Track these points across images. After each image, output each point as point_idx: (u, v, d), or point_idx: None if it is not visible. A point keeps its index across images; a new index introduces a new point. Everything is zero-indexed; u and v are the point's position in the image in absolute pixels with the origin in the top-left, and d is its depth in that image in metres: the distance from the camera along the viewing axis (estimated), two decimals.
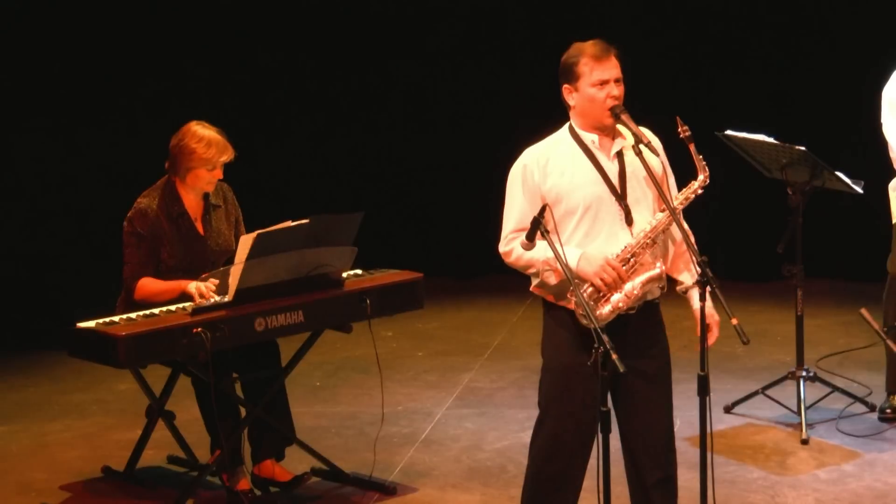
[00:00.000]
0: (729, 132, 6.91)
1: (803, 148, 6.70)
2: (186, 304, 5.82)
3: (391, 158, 10.11)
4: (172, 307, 5.85)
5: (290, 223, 5.85)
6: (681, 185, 5.05)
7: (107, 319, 5.74)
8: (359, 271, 6.29)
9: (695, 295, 4.90)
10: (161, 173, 6.19)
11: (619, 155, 4.98)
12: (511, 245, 4.97)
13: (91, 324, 5.71)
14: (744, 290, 9.21)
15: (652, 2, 9.63)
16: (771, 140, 6.82)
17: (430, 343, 8.64)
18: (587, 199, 4.92)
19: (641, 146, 4.89)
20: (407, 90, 10.02)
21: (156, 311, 5.82)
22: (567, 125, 5.03)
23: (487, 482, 6.32)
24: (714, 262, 4.83)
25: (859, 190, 6.81)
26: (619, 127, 4.97)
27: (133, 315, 5.78)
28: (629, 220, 4.94)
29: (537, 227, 4.76)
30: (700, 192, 4.98)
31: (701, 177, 4.96)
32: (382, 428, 6.63)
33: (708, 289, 4.75)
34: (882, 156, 6.75)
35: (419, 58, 9.96)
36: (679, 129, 4.89)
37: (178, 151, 6.07)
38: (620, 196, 4.94)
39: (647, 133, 4.96)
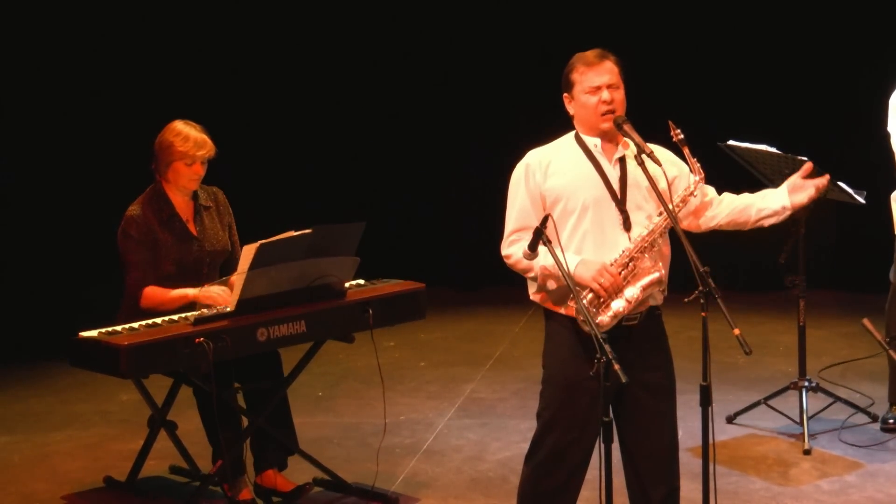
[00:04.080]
0: (732, 142, 6.91)
1: (806, 158, 6.70)
2: (189, 314, 5.83)
3: (393, 168, 10.12)
4: (175, 317, 5.85)
5: (292, 233, 5.85)
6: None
7: (109, 329, 5.74)
8: (361, 281, 6.29)
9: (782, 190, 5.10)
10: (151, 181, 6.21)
11: (622, 161, 4.98)
12: (512, 248, 4.96)
13: (93, 333, 5.70)
14: (746, 301, 9.22)
15: (656, 11, 9.64)
16: (774, 150, 6.81)
17: (432, 353, 8.63)
18: (586, 201, 4.91)
19: (644, 156, 4.90)
20: (410, 100, 10.03)
21: (158, 320, 5.81)
22: (573, 132, 5.04)
23: (489, 493, 6.32)
24: (716, 273, 4.83)
25: (862, 200, 6.80)
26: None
27: (135, 325, 5.77)
28: (627, 226, 4.94)
29: (539, 237, 4.75)
30: (696, 193, 4.99)
31: (696, 178, 4.96)
32: (384, 438, 6.63)
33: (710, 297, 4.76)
34: (885, 166, 6.75)
35: (422, 66, 9.97)
36: (672, 133, 4.90)
37: (159, 147, 6.13)
38: (620, 201, 4.94)
39: (656, 149, 4.96)
